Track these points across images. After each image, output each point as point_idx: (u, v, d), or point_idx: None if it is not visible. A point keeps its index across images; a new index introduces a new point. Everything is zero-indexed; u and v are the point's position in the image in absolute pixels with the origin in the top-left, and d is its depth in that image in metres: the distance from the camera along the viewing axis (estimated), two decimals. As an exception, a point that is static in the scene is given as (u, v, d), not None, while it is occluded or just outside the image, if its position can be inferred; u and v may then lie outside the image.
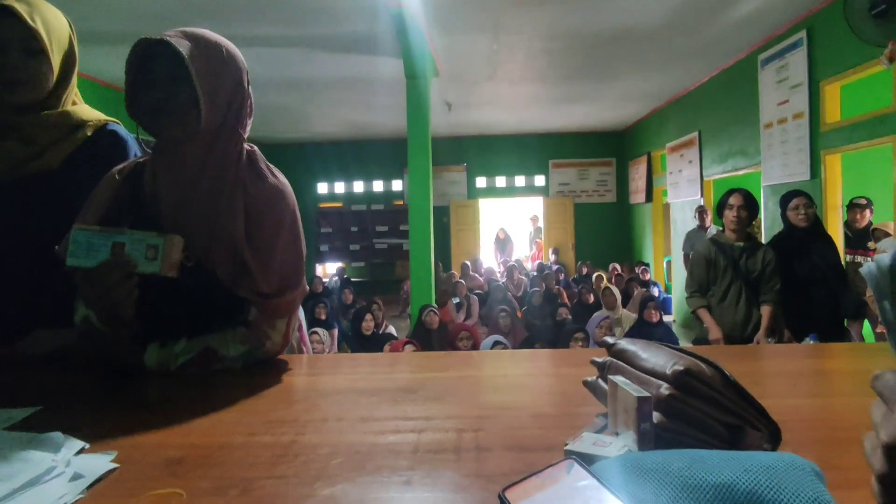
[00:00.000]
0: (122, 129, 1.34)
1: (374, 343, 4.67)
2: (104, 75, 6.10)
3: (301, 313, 1.33)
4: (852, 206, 4.75)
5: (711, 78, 6.79)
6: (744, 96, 5.96)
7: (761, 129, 5.60)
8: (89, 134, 1.27)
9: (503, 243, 11.66)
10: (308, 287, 1.26)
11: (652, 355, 0.72)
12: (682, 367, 0.63)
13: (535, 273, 8.76)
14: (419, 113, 5.64)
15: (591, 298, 6.45)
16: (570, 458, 0.57)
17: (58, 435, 0.69)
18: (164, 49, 0.99)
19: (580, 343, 3.79)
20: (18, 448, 0.65)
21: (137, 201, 1.11)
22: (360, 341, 4.96)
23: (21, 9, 1.14)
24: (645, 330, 4.65)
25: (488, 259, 11.38)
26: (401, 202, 11.04)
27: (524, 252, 12.17)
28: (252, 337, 1.09)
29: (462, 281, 7.40)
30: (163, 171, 1.09)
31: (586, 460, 0.58)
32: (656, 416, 0.62)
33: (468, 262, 9.22)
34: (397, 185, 11.26)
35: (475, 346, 4.12)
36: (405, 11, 4.65)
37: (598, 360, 0.81)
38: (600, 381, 0.79)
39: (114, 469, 0.65)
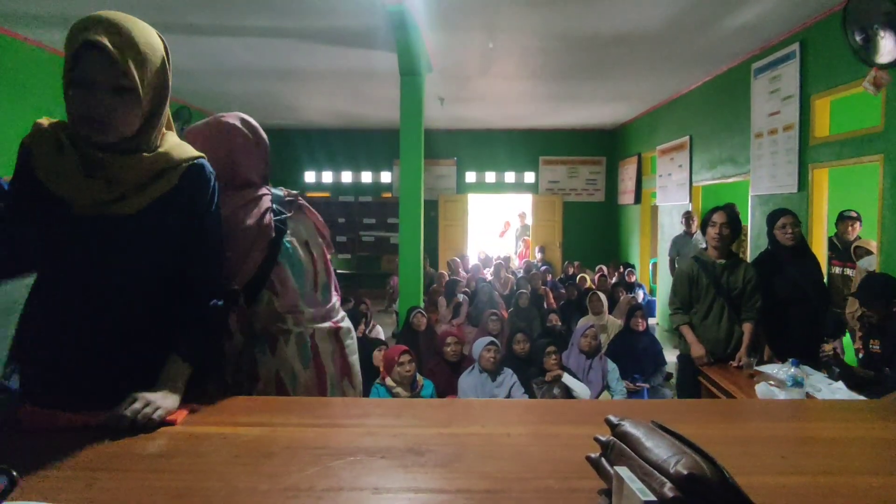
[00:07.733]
0: (207, 165, 1.28)
1: (364, 345, 4.67)
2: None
3: (356, 362, 1.56)
4: (843, 218, 4.82)
5: (705, 83, 6.83)
6: (736, 104, 6.01)
7: (752, 138, 5.67)
8: (176, 181, 1.21)
9: (525, 230, 11.40)
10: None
11: (655, 445, 0.76)
12: (685, 472, 0.66)
13: (522, 271, 8.77)
14: (413, 110, 5.60)
15: (575, 293, 6.61)
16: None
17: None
18: None
19: (553, 357, 3.81)
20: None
21: None
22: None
23: (112, 43, 1.05)
24: (630, 338, 4.72)
25: (494, 252, 11.27)
26: (389, 194, 10.99)
27: (511, 249, 12.12)
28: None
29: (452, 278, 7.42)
30: None
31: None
32: (660, 515, 0.66)
33: (457, 259, 9.20)
34: (386, 176, 11.18)
35: (462, 352, 4.15)
36: (404, 9, 4.61)
37: (602, 438, 0.85)
38: (603, 460, 0.83)
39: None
